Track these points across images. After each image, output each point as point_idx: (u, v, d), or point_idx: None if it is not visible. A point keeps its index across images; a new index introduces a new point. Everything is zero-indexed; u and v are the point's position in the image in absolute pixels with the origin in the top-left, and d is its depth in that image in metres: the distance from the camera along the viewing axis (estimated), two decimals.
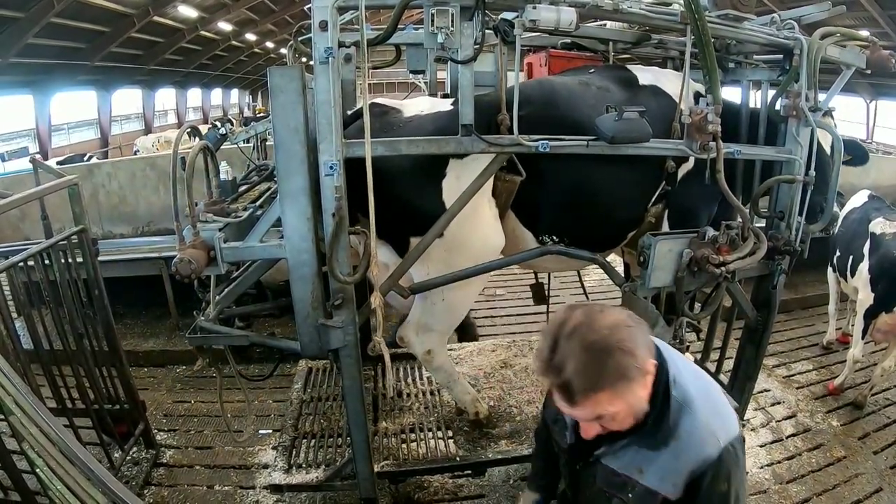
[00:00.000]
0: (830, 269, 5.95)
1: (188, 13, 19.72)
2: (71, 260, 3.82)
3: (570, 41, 3.51)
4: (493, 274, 3.02)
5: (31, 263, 3.55)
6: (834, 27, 2.87)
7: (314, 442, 3.41)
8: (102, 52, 17.72)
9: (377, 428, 3.46)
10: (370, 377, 3.88)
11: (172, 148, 2.59)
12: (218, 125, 3.71)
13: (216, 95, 32.96)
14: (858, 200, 5.79)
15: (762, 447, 4.75)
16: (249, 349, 5.40)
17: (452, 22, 2.32)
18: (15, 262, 3.42)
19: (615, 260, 3.73)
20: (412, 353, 3.28)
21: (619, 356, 1.41)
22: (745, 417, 3.69)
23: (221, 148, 3.77)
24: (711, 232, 2.71)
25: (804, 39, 2.75)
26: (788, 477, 4.40)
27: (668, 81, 3.12)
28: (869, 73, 2.99)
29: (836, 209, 3.78)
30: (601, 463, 1.67)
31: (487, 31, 2.46)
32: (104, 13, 15.98)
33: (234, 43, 25.82)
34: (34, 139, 18.70)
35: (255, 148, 5.35)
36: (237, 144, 4.59)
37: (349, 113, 2.72)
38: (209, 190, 3.00)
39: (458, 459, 3.24)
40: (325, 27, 2.15)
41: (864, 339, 5.13)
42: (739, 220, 2.79)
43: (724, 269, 2.66)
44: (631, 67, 3.24)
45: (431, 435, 3.41)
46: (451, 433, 3.40)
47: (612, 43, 3.45)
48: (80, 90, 20.30)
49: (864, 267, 5.12)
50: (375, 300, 2.52)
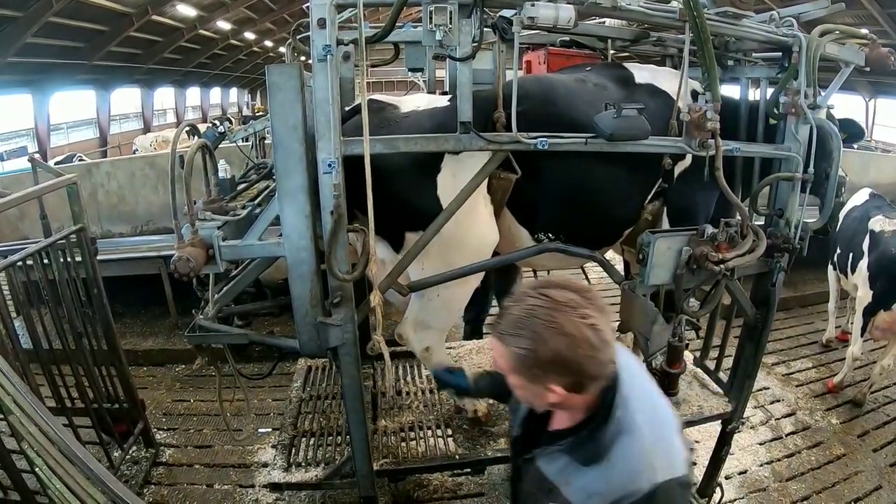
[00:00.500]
0: (831, 266, 5.96)
1: (187, 12, 19.68)
2: (70, 259, 3.83)
3: (568, 39, 3.51)
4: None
5: (29, 263, 3.55)
6: (833, 24, 2.87)
7: (313, 440, 3.41)
8: (101, 51, 17.69)
9: (376, 426, 3.46)
10: (369, 375, 3.87)
11: (171, 146, 2.59)
12: (217, 124, 3.71)
13: (215, 94, 32.94)
14: (859, 199, 5.80)
15: (762, 445, 4.77)
16: (248, 348, 5.40)
17: (451, 19, 2.31)
18: (14, 261, 3.42)
19: (614, 258, 3.73)
20: (410, 350, 3.27)
21: (541, 343, 1.37)
22: (744, 415, 3.68)
23: (220, 146, 3.77)
24: (710, 229, 2.70)
25: (803, 37, 2.74)
26: (788, 475, 4.41)
27: (664, 80, 3.11)
28: (868, 70, 2.99)
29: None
30: (536, 463, 1.62)
31: (486, 28, 2.46)
32: (103, 12, 15.94)
33: (232, 42, 25.78)
34: (33, 138, 18.67)
35: (253, 146, 5.33)
36: (236, 143, 4.58)
37: (346, 110, 2.71)
38: (208, 188, 3.00)
39: (457, 458, 3.23)
40: (323, 25, 2.15)
41: (863, 336, 5.15)
42: (738, 217, 2.79)
43: (723, 266, 2.66)
44: (628, 65, 3.24)
45: (431, 433, 3.40)
46: (450, 431, 3.40)
47: (610, 40, 3.45)
48: (78, 89, 20.25)
49: (863, 264, 5.13)
50: (375, 298, 2.52)
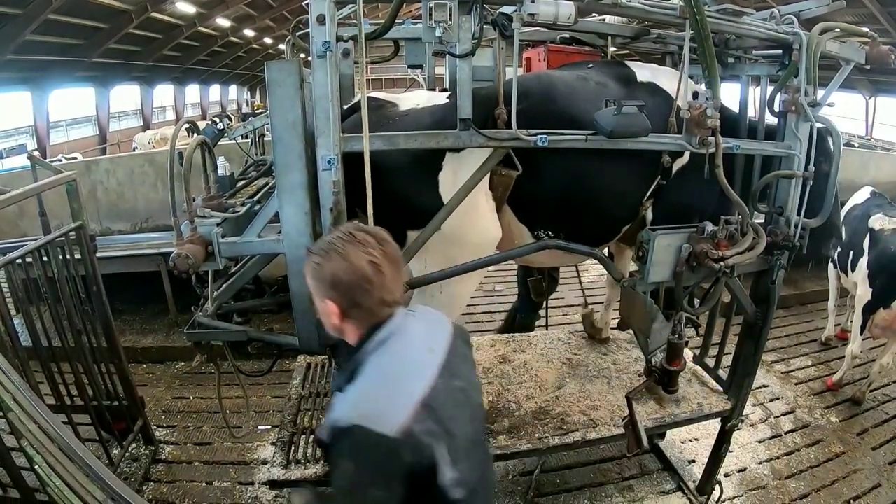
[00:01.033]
0: (831, 264, 5.96)
1: (186, 9, 19.67)
2: (69, 256, 3.82)
3: (568, 36, 3.50)
4: (491, 269, 3.02)
5: (29, 260, 3.54)
6: (833, 22, 2.86)
7: (313, 437, 3.40)
8: (100, 48, 17.68)
9: None
10: None
11: (170, 143, 2.58)
12: (216, 121, 3.70)
13: (214, 91, 32.93)
14: (860, 197, 5.81)
15: (761, 443, 4.77)
16: (248, 345, 5.40)
17: (451, 16, 2.31)
18: (13, 258, 3.42)
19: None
20: None
21: (327, 261, 1.61)
22: (743, 413, 3.68)
23: (219, 143, 3.76)
24: (710, 227, 2.70)
25: (804, 34, 2.73)
26: (787, 473, 4.42)
27: (665, 79, 3.11)
28: (868, 69, 2.99)
29: None
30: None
31: (486, 25, 2.45)
32: (102, 9, 15.94)
33: (232, 39, 25.76)
34: (32, 136, 18.68)
35: (253, 143, 5.33)
36: (235, 140, 4.57)
37: (345, 107, 2.71)
38: (207, 185, 2.99)
39: None
40: (322, 21, 2.14)
41: (862, 334, 5.15)
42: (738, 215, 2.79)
43: (722, 264, 2.66)
44: (629, 64, 3.23)
45: None
46: None
47: (610, 38, 3.45)
48: (78, 87, 20.26)
49: (863, 263, 5.13)
50: None
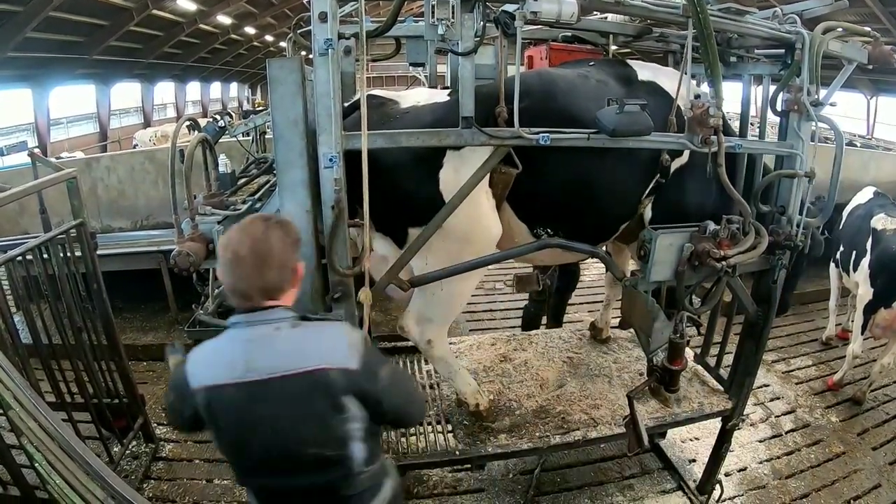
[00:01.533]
0: (833, 264, 5.96)
1: (187, 6, 19.62)
2: (70, 254, 3.81)
3: (570, 34, 3.50)
4: (492, 267, 3.01)
5: (29, 257, 3.53)
6: (836, 22, 2.86)
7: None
8: (101, 45, 17.63)
9: None
10: None
11: (171, 141, 2.58)
12: (217, 118, 3.70)
13: (215, 89, 32.87)
14: (863, 197, 5.81)
15: (761, 442, 4.77)
16: None
17: (453, 13, 2.31)
18: (13, 255, 3.41)
19: None
20: (413, 343, 3.27)
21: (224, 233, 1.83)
22: (744, 412, 3.68)
23: (220, 141, 3.76)
24: (712, 226, 2.70)
25: (806, 34, 2.73)
26: (787, 472, 4.41)
27: (666, 79, 3.11)
28: (871, 68, 2.98)
29: None
30: None
31: (488, 23, 2.45)
32: (102, 7, 15.90)
33: (233, 36, 25.71)
34: (33, 133, 18.64)
35: (254, 141, 5.33)
36: (236, 137, 4.57)
37: (346, 105, 2.70)
38: (208, 183, 2.99)
39: (457, 453, 3.23)
40: (324, 18, 2.13)
41: (863, 334, 5.15)
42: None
43: (724, 263, 2.66)
44: (630, 63, 3.23)
45: (431, 428, 3.40)
46: (450, 427, 3.40)
47: (612, 36, 3.44)
48: (78, 84, 20.20)
49: (865, 262, 5.13)
50: (365, 296, 2.49)
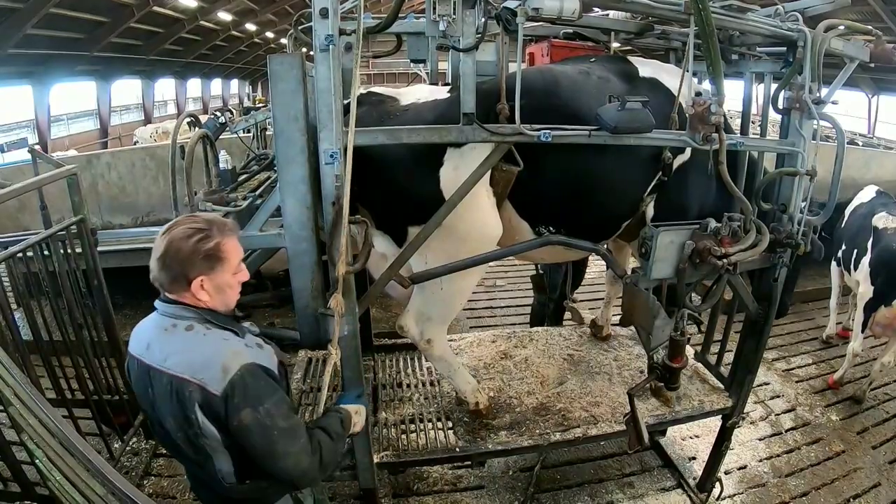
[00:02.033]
0: (834, 263, 5.95)
1: (187, 3, 19.58)
2: (70, 250, 3.81)
3: (572, 31, 3.49)
4: (492, 265, 3.01)
5: (29, 254, 3.53)
6: (838, 20, 2.85)
7: None
8: (102, 42, 17.62)
9: (377, 418, 3.46)
10: (370, 367, 3.87)
11: (171, 137, 2.58)
12: (218, 115, 3.69)
13: (216, 86, 32.83)
14: (865, 196, 5.80)
15: (761, 441, 4.77)
16: None
17: (454, 10, 2.30)
18: (14, 252, 3.41)
19: None
20: (412, 342, 3.27)
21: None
22: (744, 411, 3.68)
23: (221, 137, 3.75)
24: (713, 224, 2.70)
25: (808, 32, 2.72)
26: (787, 471, 4.42)
27: (667, 76, 3.10)
28: (872, 66, 2.97)
29: None
30: None
31: (489, 19, 2.44)
32: (103, 3, 15.87)
33: (233, 33, 25.66)
34: (33, 130, 18.63)
35: (254, 137, 5.34)
36: (237, 134, 4.56)
37: (345, 102, 2.70)
38: (209, 179, 2.99)
39: (457, 450, 3.24)
40: (325, 14, 2.13)
41: (863, 333, 5.15)
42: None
43: (725, 261, 2.66)
44: (632, 60, 3.22)
45: (431, 426, 3.41)
46: (450, 424, 3.40)
47: (614, 33, 3.43)
48: (79, 81, 20.19)
49: (866, 261, 5.13)
50: (335, 301, 2.33)
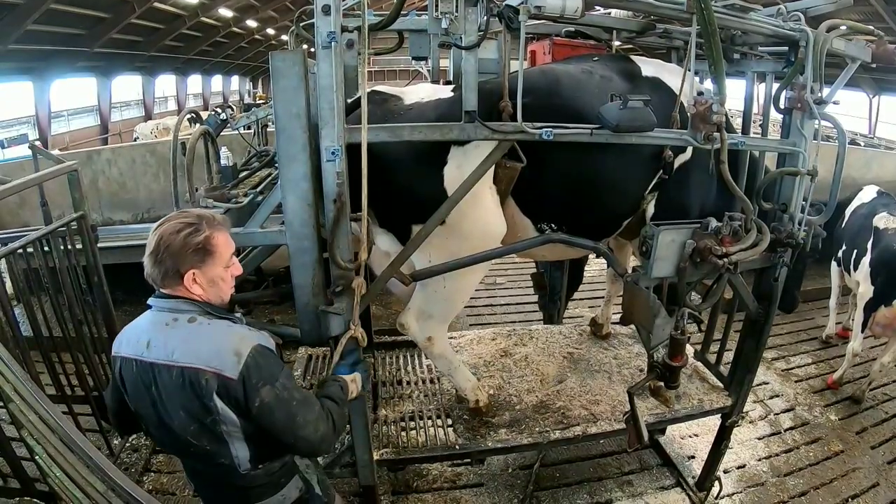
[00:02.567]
0: (834, 263, 5.96)
1: None
2: (70, 246, 3.82)
3: (574, 29, 3.49)
4: (492, 262, 3.01)
5: (30, 250, 3.54)
6: (840, 20, 2.85)
7: None
8: (102, 38, 17.57)
9: (377, 416, 3.47)
10: (370, 365, 3.87)
11: (173, 133, 2.58)
12: (219, 111, 3.69)
13: (217, 82, 32.78)
14: (866, 196, 5.80)
15: (760, 440, 4.78)
16: None
17: (456, 7, 2.30)
18: (14, 248, 3.41)
19: None
20: (413, 340, 3.27)
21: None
22: (743, 410, 3.69)
23: (222, 134, 3.75)
24: (714, 223, 2.69)
25: (810, 31, 2.72)
26: (786, 470, 4.43)
27: (669, 75, 3.10)
28: (874, 67, 2.97)
29: None
30: None
31: (491, 17, 2.43)
32: None
33: (234, 29, 25.63)
34: (34, 126, 18.60)
35: (255, 134, 5.33)
36: (238, 130, 4.56)
37: (348, 101, 2.70)
38: (209, 175, 2.99)
39: (457, 448, 3.24)
40: (327, 11, 2.12)
41: (863, 332, 5.15)
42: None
43: (726, 260, 2.66)
44: (634, 59, 3.22)
45: (431, 423, 3.41)
46: (450, 421, 3.41)
47: (616, 32, 3.43)
48: (79, 77, 20.16)
49: (866, 261, 5.13)
50: (357, 284, 2.44)
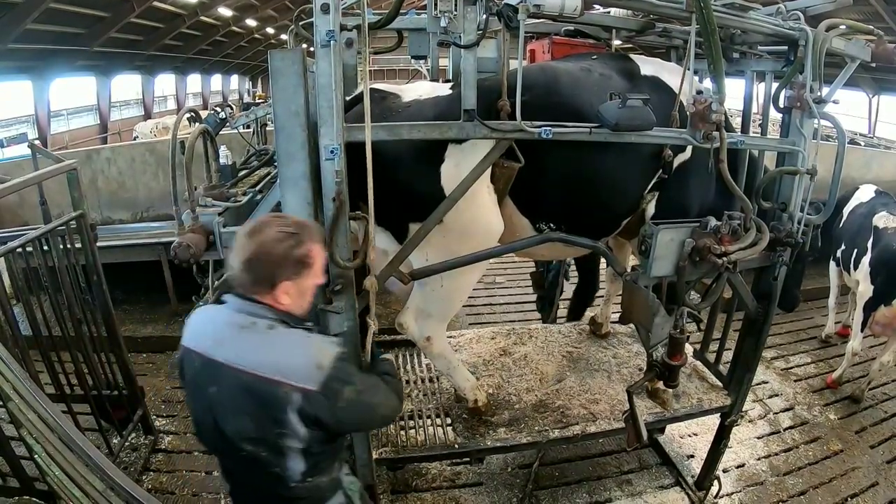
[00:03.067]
0: (833, 262, 5.96)
1: None
2: (69, 245, 3.81)
3: (573, 28, 3.48)
4: (491, 262, 3.01)
5: (29, 249, 3.53)
6: (839, 19, 2.85)
7: None
8: (102, 37, 17.55)
9: None
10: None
11: (172, 132, 2.57)
12: (218, 110, 3.69)
13: (216, 81, 32.76)
14: (865, 195, 5.80)
15: (759, 439, 4.78)
16: None
17: (456, 6, 2.29)
18: (13, 247, 3.41)
19: None
20: (412, 339, 3.27)
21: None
22: (742, 409, 3.69)
23: (221, 133, 3.74)
24: (714, 222, 2.70)
25: (809, 31, 2.72)
26: (785, 469, 4.43)
27: (669, 74, 3.10)
28: (873, 66, 2.97)
29: None
30: None
31: (491, 16, 2.43)
32: None
33: (234, 28, 25.62)
34: (33, 125, 18.60)
35: (254, 133, 5.34)
36: (237, 129, 4.56)
37: (347, 99, 2.70)
38: (209, 174, 2.99)
39: (456, 447, 3.24)
40: (326, 10, 2.12)
41: (863, 332, 5.15)
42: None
43: (725, 259, 2.66)
44: (634, 58, 3.22)
45: (430, 422, 3.41)
46: (449, 420, 3.41)
47: (615, 31, 3.43)
48: (79, 76, 20.15)
49: (866, 260, 5.14)
50: (370, 284, 2.50)
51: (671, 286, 2.83)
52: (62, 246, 3.76)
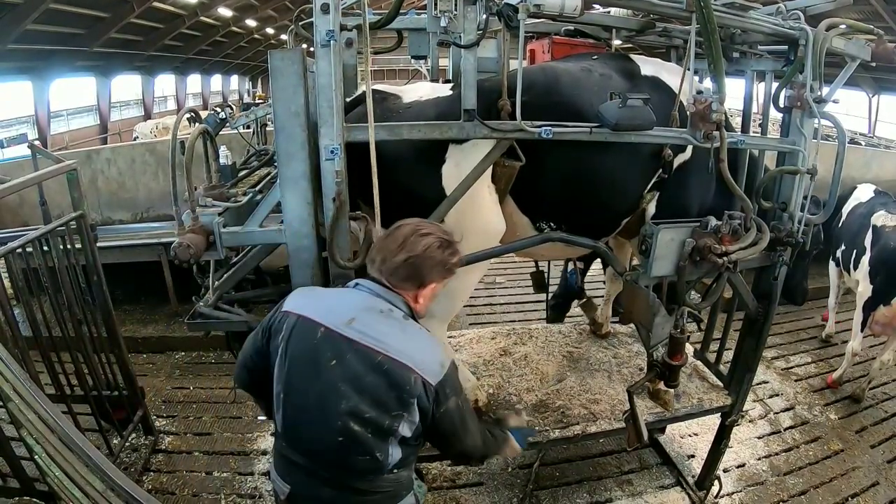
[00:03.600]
0: (832, 262, 5.96)
1: None
2: (69, 246, 3.81)
3: (573, 28, 3.48)
4: (492, 261, 3.00)
5: (29, 249, 3.53)
6: (840, 19, 2.84)
7: None
8: (102, 37, 17.57)
9: None
10: None
11: (172, 132, 2.57)
12: (218, 110, 3.68)
13: (216, 81, 32.80)
14: (864, 195, 5.80)
15: (760, 439, 4.78)
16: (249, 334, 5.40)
17: (456, 6, 2.29)
18: (13, 247, 3.41)
19: None
20: None
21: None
22: (743, 409, 3.69)
23: (221, 133, 3.74)
24: (714, 222, 2.69)
25: (810, 30, 2.71)
26: (786, 469, 4.43)
27: (669, 74, 3.09)
28: (873, 66, 2.97)
29: None
30: None
31: (491, 16, 2.43)
32: None
33: (234, 29, 25.65)
34: (33, 126, 18.61)
35: (254, 133, 5.33)
36: (237, 129, 4.55)
37: (348, 100, 2.69)
38: (209, 175, 2.98)
39: None
40: (326, 10, 2.12)
41: (862, 331, 5.15)
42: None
43: (725, 259, 2.65)
44: (634, 57, 3.21)
45: None
46: None
47: (615, 30, 3.43)
48: (79, 76, 20.17)
49: (865, 260, 5.14)
50: None
51: (671, 286, 2.83)
52: (62, 246, 3.76)
